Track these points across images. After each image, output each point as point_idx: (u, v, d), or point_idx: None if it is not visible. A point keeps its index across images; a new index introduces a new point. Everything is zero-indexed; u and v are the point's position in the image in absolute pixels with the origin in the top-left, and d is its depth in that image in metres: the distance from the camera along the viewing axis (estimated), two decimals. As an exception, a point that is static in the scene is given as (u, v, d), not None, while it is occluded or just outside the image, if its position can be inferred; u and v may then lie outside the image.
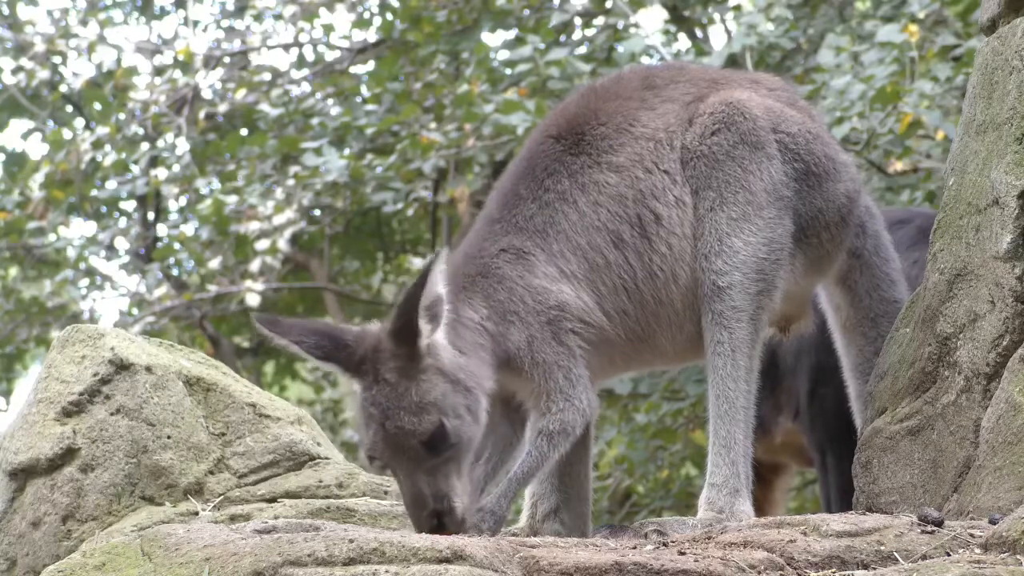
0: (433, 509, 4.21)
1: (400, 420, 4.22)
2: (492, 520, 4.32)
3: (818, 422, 6.27)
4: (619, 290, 4.60)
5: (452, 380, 4.30)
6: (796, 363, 6.32)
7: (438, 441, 4.23)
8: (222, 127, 13.96)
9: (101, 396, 4.81)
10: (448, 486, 4.24)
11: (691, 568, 3.74)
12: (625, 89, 4.79)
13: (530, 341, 4.47)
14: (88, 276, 14.76)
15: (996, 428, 4.30)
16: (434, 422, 4.23)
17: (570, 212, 4.60)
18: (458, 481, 4.27)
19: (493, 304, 4.49)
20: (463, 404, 4.30)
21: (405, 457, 4.23)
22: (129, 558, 3.88)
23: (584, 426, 4.49)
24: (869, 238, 4.97)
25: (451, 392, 4.29)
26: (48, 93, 15.23)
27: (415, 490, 4.22)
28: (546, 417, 4.44)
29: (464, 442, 4.29)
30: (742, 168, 4.64)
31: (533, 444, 4.42)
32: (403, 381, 4.26)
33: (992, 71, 4.57)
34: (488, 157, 11.60)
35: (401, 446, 4.22)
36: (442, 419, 4.24)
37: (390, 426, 4.22)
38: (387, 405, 4.24)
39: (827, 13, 11.88)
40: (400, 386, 4.25)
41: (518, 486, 4.41)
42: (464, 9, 12.70)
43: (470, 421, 4.31)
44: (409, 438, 4.22)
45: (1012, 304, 4.34)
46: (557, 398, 4.45)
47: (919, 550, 3.89)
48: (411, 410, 4.23)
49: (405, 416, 4.23)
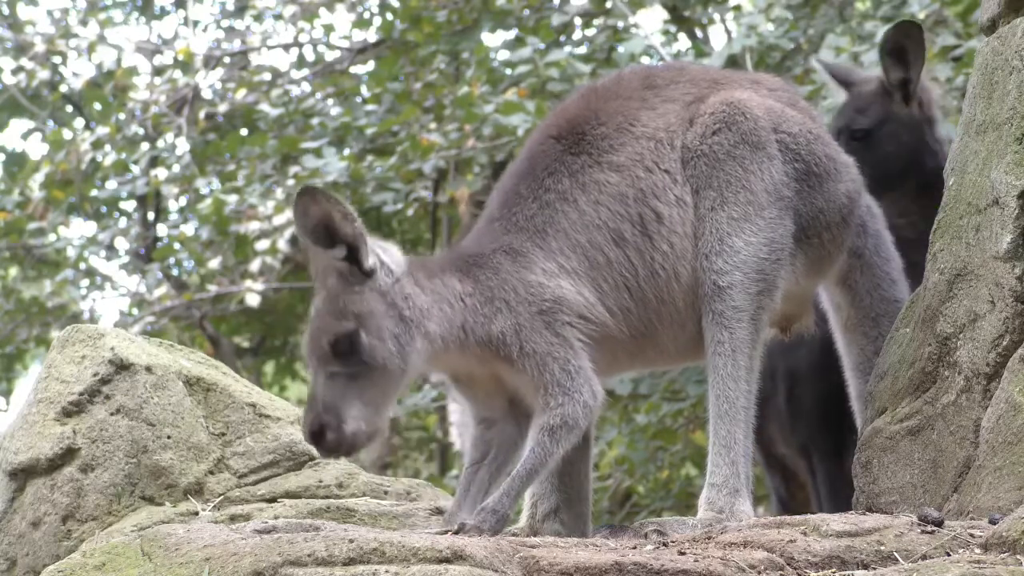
0: (318, 415, 4.25)
1: (322, 320, 4.31)
2: (493, 519, 4.27)
3: (799, 424, 6.26)
4: (621, 288, 4.59)
5: (389, 303, 4.36)
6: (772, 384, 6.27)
7: (345, 348, 4.28)
8: (222, 127, 13.96)
9: (101, 396, 4.81)
10: (346, 402, 4.28)
11: (691, 568, 3.74)
12: (626, 89, 4.79)
13: (517, 329, 4.45)
14: (88, 276, 14.76)
15: (996, 428, 4.30)
16: (348, 328, 4.29)
17: (570, 211, 4.60)
18: (360, 404, 4.29)
19: (482, 288, 4.49)
20: (390, 329, 4.34)
21: (315, 357, 4.30)
22: (129, 558, 3.89)
23: (588, 418, 4.45)
24: (870, 238, 4.97)
25: (383, 314, 4.34)
26: (48, 93, 15.24)
27: (312, 392, 4.29)
28: (546, 413, 4.40)
29: (378, 364, 4.31)
30: (743, 168, 4.64)
31: (535, 441, 4.38)
32: (339, 285, 4.34)
33: (992, 71, 4.57)
34: (488, 158, 11.61)
35: (315, 346, 4.30)
36: (359, 329, 4.29)
37: (313, 326, 4.31)
38: (319, 307, 4.35)
39: (827, 13, 11.88)
40: (333, 291, 4.34)
41: (521, 484, 4.36)
42: (464, 9, 12.70)
43: (392, 349, 4.34)
44: (321, 336, 4.29)
45: (1012, 304, 4.34)
46: (555, 392, 4.42)
47: (919, 550, 3.89)
48: (333, 312, 4.32)
49: (327, 317, 4.31)
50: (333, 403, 4.27)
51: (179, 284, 14.23)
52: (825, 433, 5.15)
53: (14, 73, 14.88)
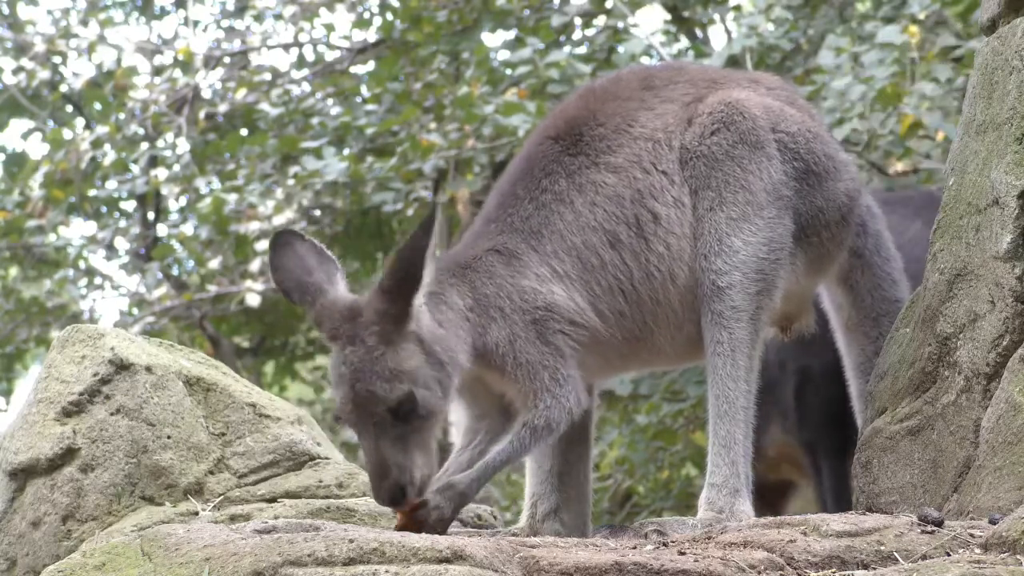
0: (395, 479, 4.21)
1: (371, 384, 4.22)
2: (458, 499, 4.30)
3: (806, 422, 6.28)
4: (614, 291, 4.59)
5: (428, 351, 4.30)
6: (781, 373, 6.32)
7: (407, 410, 4.23)
8: (222, 127, 13.95)
9: (101, 396, 4.81)
10: (411, 457, 4.24)
11: (691, 568, 3.74)
12: (624, 90, 4.79)
13: (512, 339, 4.46)
14: (88, 276, 14.76)
15: (996, 428, 4.30)
16: (404, 391, 4.22)
17: (566, 212, 4.60)
18: (421, 453, 4.26)
19: (478, 297, 4.48)
20: (435, 377, 4.30)
21: (371, 423, 4.23)
22: (129, 558, 3.88)
23: (569, 423, 4.49)
24: (870, 237, 4.97)
25: (426, 364, 4.29)
26: (48, 93, 15.23)
27: (379, 458, 4.22)
28: (532, 412, 4.44)
29: (432, 414, 4.29)
30: (741, 168, 4.64)
31: (516, 435, 4.43)
32: (381, 345, 4.24)
33: (992, 71, 4.57)
34: (488, 158, 11.60)
35: (369, 411, 4.22)
36: (413, 389, 4.24)
37: (360, 388, 4.21)
38: (360, 367, 4.23)
39: (827, 14, 11.88)
40: (377, 350, 4.24)
41: (491, 471, 4.40)
42: (464, 9, 12.69)
43: (440, 395, 4.31)
44: (378, 404, 4.22)
45: (1012, 304, 4.34)
46: (544, 395, 4.45)
47: (919, 550, 3.89)
48: (384, 376, 4.22)
49: (377, 381, 4.22)
50: (400, 462, 4.23)
51: (179, 284, 14.22)
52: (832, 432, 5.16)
53: (14, 73, 14.87)
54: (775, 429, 6.50)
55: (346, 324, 4.28)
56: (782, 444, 6.53)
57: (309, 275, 4.39)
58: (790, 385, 6.34)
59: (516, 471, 11.07)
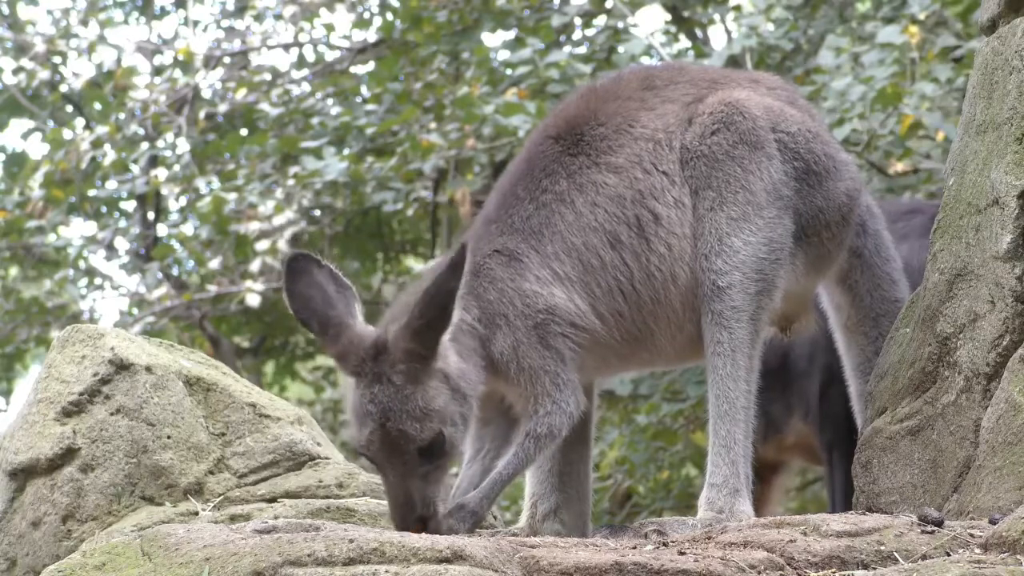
0: (419, 513, 4.22)
1: (403, 424, 4.21)
2: (472, 520, 4.33)
3: (828, 422, 6.30)
4: (615, 292, 4.59)
5: (454, 387, 4.31)
6: (809, 365, 6.34)
7: (435, 449, 4.25)
8: (222, 127, 13.96)
9: (101, 396, 4.81)
10: (435, 492, 4.26)
11: (691, 568, 3.74)
12: (624, 90, 4.79)
13: (516, 346, 4.46)
14: (88, 276, 14.76)
15: (996, 428, 4.30)
16: (435, 431, 4.24)
17: (567, 213, 4.59)
18: (440, 485, 4.29)
19: (483, 305, 4.48)
20: (459, 412, 4.31)
21: (399, 460, 4.23)
22: (129, 558, 3.88)
23: (570, 428, 4.50)
24: (870, 237, 4.97)
25: (452, 400, 4.29)
26: (48, 93, 15.23)
27: (404, 493, 4.23)
28: (533, 419, 4.45)
29: (455, 449, 4.32)
30: (742, 168, 4.64)
31: (519, 446, 4.44)
32: (409, 384, 4.24)
33: (992, 71, 4.57)
34: (488, 158, 11.61)
35: (397, 449, 4.23)
36: (443, 429, 4.25)
37: (391, 427, 4.21)
38: (389, 407, 4.23)
39: (827, 14, 11.88)
40: (406, 389, 4.24)
41: (501, 487, 4.42)
42: (464, 9, 12.70)
43: (463, 429, 4.34)
44: (408, 443, 4.22)
45: (1012, 304, 4.34)
46: (544, 401, 4.46)
47: (919, 550, 3.89)
48: (415, 416, 4.22)
49: (408, 421, 4.22)
50: (424, 496, 4.24)
51: (179, 284, 14.22)
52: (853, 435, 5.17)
53: (14, 73, 14.88)
54: (796, 419, 6.53)
55: (371, 362, 4.27)
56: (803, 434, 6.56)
57: (331, 308, 4.36)
58: (815, 381, 6.36)
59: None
